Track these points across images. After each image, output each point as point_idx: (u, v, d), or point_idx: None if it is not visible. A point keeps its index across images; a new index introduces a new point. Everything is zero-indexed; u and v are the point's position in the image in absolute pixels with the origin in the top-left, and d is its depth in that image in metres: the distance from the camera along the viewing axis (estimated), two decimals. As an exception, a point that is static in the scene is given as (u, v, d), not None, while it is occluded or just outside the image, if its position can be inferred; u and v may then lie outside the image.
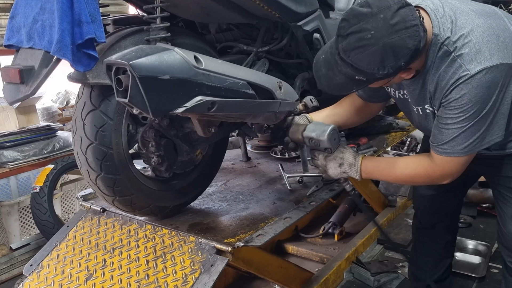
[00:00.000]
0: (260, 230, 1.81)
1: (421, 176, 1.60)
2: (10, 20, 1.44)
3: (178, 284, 1.65)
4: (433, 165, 1.54)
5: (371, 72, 1.33)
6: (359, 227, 3.11)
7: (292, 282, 2.20)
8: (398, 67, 1.32)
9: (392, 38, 1.27)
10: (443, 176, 1.55)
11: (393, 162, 1.69)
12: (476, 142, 1.43)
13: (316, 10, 1.90)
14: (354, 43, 1.30)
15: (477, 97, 1.36)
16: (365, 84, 1.43)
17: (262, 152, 2.89)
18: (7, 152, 3.04)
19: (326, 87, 1.50)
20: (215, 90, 1.37)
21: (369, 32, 1.28)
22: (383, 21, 1.27)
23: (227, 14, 1.67)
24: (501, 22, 1.44)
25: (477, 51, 1.35)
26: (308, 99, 2.02)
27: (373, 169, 1.69)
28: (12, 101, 1.45)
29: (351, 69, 1.36)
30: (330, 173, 1.74)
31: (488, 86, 1.35)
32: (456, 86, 1.38)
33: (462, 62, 1.36)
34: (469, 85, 1.35)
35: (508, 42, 1.40)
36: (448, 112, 1.42)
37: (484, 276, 2.66)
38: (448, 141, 1.45)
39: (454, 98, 1.39)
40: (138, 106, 1.25)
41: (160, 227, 1.91)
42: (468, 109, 1.38)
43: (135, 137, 1.79)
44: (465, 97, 1.37)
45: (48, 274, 1.87)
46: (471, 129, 1.41)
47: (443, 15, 1.41)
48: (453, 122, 1.42)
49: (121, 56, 1.24)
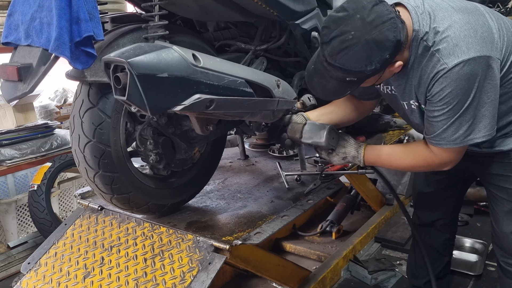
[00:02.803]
0: (258, 228, 1.81)
1: (421, 165, 1.67)
2: (8, 18, 1.44)
3: (176, 282, 1.66)
4: (432, 155, 1.59)
5: (360, 71, 1.38)
6: (357, 225, 3.12)
7: (289, 280, 2.21)
8: (384, 60, 1.37)
9: (373, 34, 1.33)
10: (442, 164, 1.61)
11: (394, 151, 1.75)
12: (467, 134, 1.47)
13: (314, 9, 1.90)
14: (338, 46, 1.36)
15: (457, 89, 1.40)
16: (357, 84, 1.47)
17: (260, 150, 2.90)
18: (4, 150, 3.03)
19: (321, 95, 1.57)
20: (213, 88, 1.37)
21: (350, 33, 1.34)
22: (360, 20, 1.34)
23: (225, 12, 1.67)
24: (481, 18, 1.48)
25: (454, 45, 1.40)
26: (306, 97, 2.02)
27: (375, 159, 1.76)
28: (10, 99, 1.45)
29: (341, 72, 1.40)
30: (335, 163, 1.86)
31: (467, 78, 1.39)
32: (436, 80, 1.43)
33: (440, 57, 1.41)
34: (448, 79, 1.40)
35: (487, 36, 1.43)
36: (433, 105, 1.47)
37: (481, 274, 2.67)
38: (439, 133, 1.50)
39: (436, 92, 1.44)
40: (136, 104, 1.25)
41: (158, 225, 1.91)
42: (450, 101, 1.42)
43: (133, 135, 1.79)
44: (445, 90, 1.41)
45: (46, 272, 1.87)
46: (459, 120, 1.45)
47: (423, 12, 1.46)
48: (439, 115, 1.47)
49: (119, 54, 1.24)
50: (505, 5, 3.60)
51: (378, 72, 1.42)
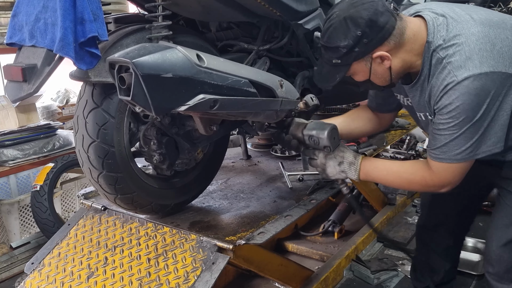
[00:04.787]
0: (261, 228, 1.82)
1: (418, 182, 1.58)
2: (12, 18, 1.44)
3: (179, 281, 1.66)
4: (430, 172, 1.52)
5: (336, 46, 1.44)
6: (359, 225, 3.11)
7: (292, 280, 2.21)
8: (356, 38, 1.40)
9: (350, 12, 1.42)
10: (440, 184, 1.53)
11: (392, 165, 1.68)
12: (469, 150, 1.42)
13: (317, 9, 1.91)
14: (325, 26, 1.48)
15: (465, 104, 1.36)
16: (343, 69, 1.49)
17: (262, 150, 2.90)
18: (7, 151, 3.03)
19: (317, 81, 1.63)
20: (217, 88, 1.37)
21: (335, 13, 1.46)
22: (346, 3, 1.45)
23: (228, 12, 1.67)
24: (504, 32, 1.43)
25: (467, 58, 1.36)
26: (309, 97, 2.02)
27: (372, 170, 1.66)
28: (15, 99, 1.45)
29: (328, 52, 1.48)
30: (328, 171, 1.72)
31: (476, 93, 1.34)
32: (445, 92, 1.39)
33: (451, 69, 1.37)
34: (457, 92, 1.36)
35: (506, 52, 1.39)
36: (440, 117, 1.44)
37: (483, 274, 2.66)
38: (440, 146, 1.45)
39: (444, 104, 1.40)
40: (140, 104, 1.26)
41: (161, 225, 1.91)
42: (457, 116, 1.38)
43: (136, 135, 1.79)
44: (453, 103, 1.38)
45: (49, 272, 1.88)
46: (463, 136, 1.40)
47: (441, 23, 1.43)
48: (444, 128, 1.43)
49: (124, 54, 1.24)
50: (507, 4, 3.60)
51: (357, 55, 1.43)
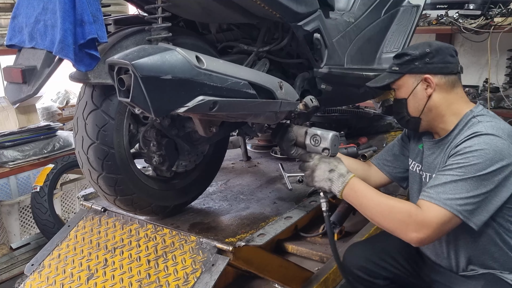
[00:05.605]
0: (261, 230, 1.82)
1: (401, 212, 1.48)
2: (12, 20, 1.44)
3: (179, 283, 1.66)
4: (417, 208, 1.46)
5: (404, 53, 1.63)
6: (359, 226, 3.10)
7: (292, 281, 2.21)
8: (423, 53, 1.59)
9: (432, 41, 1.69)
10: (422, 221, 1.43)
11: (381, 194, 1.59)
12: (462, 202, 1.40)
13: (317, 10, 1.91)
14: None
15: (483, 152, 1.41)
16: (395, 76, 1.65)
17: (262, 151, 2.90)
18: (7, 152, 3.03)
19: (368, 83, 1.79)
20: (217, 90, 1.37)
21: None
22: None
23: (227, 14, 1.67)
24: None
25: (498, 128, 1.48)
26: (309, 99, 2.02)
27: (358, 190, 1.58)
28: (15, 101, 1.45)
29: (394, 59, 1.68)
30: (316, 173, 1.64)
31: (494, 150, 1.41)
32: (469, 138, 1.47)
33: (483, 125, 1.49)
34: (481, 139, 1.44)
35: None
36: (451, 160, 1.48)
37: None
38: (437, 185, 1.45)
39: (463, 146, 1.46)
40: (140, 106, 1.26)
41: (161, 227, 1.91)
42: (470, 158, 1.42)
43: (136, 137, 1.79)
44: (473, 146, 1.44)
45: (49, 274, 1.88)
46: (463, 183, 1.41)
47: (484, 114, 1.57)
48: (450, 168, 1.46)
49: (123, 56, 1.24)
50: (507, 6, 3.60)
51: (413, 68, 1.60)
